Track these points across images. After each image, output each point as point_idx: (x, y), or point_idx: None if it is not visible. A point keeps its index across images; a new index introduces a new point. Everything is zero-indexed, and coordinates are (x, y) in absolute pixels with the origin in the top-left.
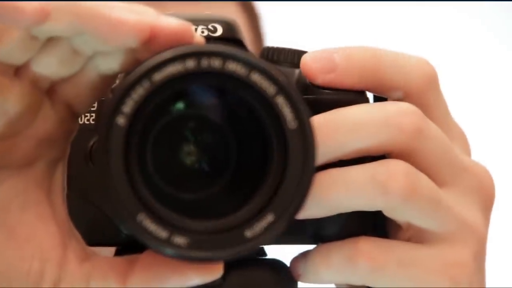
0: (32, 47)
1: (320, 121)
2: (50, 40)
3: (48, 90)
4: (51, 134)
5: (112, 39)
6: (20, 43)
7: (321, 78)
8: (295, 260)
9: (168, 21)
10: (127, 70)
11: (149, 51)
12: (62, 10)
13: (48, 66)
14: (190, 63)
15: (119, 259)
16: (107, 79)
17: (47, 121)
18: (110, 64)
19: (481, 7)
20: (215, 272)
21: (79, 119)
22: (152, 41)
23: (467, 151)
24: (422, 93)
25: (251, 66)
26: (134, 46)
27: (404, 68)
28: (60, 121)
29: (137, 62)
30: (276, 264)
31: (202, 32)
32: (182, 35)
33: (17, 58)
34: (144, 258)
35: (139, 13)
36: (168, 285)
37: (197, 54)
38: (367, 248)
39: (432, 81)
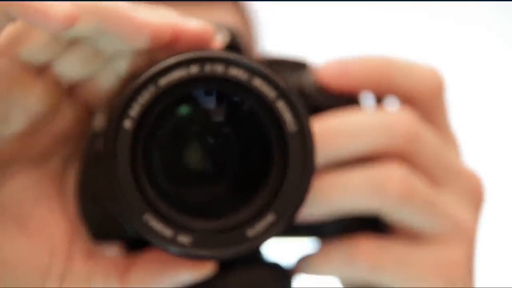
0: (56, 47)
1: (320, 126)
2: (74, 41)
3: (68, 90)
4: (68, 132)
5: (135, 40)
6: (45, 44)
7: (335, 82)
8: (298, 261)
9: (190, 24)
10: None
11: (170, 52)
12: (88, 12)
13: (70, 66)
14: (194, 69)
15: (121, 258)
16: (124, 81)
17: (65, 119)
18: (129, 66)
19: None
20: (206, 269)
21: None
22: (174, 42)
23: (459, 157)
24: (427, 101)
25: (252, 71)
26: (156, 47)
27: (413, 76)
28: (77, 119)
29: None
30: (275, 266)
31: None
32: (203, 38)
33: (41, 58)
34: (142, 258)
35: (162, 15)
36: (163, 283)
37: (201, 60)
38: (367, 247)
39: (438, 90)
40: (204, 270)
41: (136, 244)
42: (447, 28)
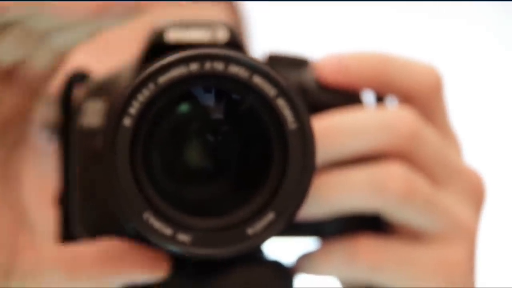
0: None
1: (321, 124)
2: (4, 25)
3: (4, 74)
4: (9, 119)
5: (67, 14)
6: None
7: (333, 78)
8: (298, 259)
9: None
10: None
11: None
12: None
13: (5, 50)
14: (194, 66)
15: (68, 249)
16: (65, 56)
17: (4, 107)
18: (66, 39)
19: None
20: (160, 270)
21: (84, 120)
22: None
23: (460, 156)
24: (426, 98)
25: (252, 69)
26: (90, 19)
27: (412, 73)
28: (18, 105)
29: (143, 67)
30: (276, 265)
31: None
32: None
33: None
34: (91, 251)
35: None
36: (112, 284)
37: (201, 58)
38: (368, 246)
39: (437, 88)
40: (159, 272)
41: (135, 242)
42: (445, 27)
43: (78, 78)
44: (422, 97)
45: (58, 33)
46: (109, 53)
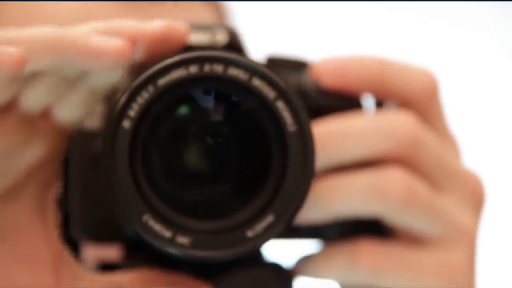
0: (16, 86)
1: (321, 129)
2: (35, 74)
3: (38, 118)
4: (43, 159)
5: (97, 67)
6: (3, 87)
7: (330, 80)
8: (298, 262)
9: (151, 27)
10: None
11: (142, 60)
12: (38, 49)
13: (35, 97)
14: (193, 69)
15: (109, 278)
16: (99, 93)
17: (39, 148)
18: (101, 80)
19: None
20: None
21: (83, 122)
22: (140, 51)
23: (460, 159)
24: (422, 102)
25: (252, 71)
26: (121, 66)
27: (408, 77)
28: (52, 144)
29: (141, 68)
30: (276, 267)
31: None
32: (169, 35)
33: (1, 99)
34: (131, 279)
35: (119, 30)
36: None
37: (200, 60)
38: (368, 250)
39: (433, 91)
40: None
41: (135, 246)
42: (442, 28)
43: None
44: (419, 101)
45: (91, 75)
46: None
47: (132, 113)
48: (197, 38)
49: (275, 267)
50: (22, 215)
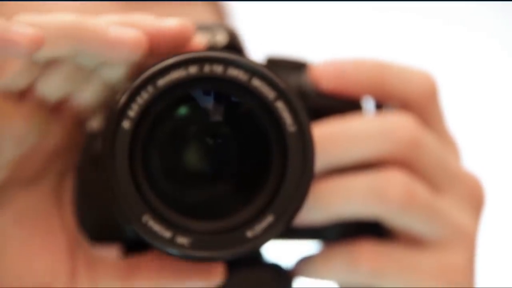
0: (34, 71)
1: (321, 131)
2: (52, 61)
3: (55, 106)
4: (60, 147)
5: (113, 57)
6: (22, 70)
7: (331, 84)
8: (298, 262)
9: (167, 25)
10: (132, 76)
11: (154, 56)
12: (58, 35)
13: (53, 86)
14: (193, 69)
15: (124, 261)
16: (114, 87)
17: (56, 136)
18: (115, 73)
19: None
20: (216, 275)
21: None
22: (154, 47)
23: (459, 161)
24: (422, 104)
25: (252, 72)
26: (136, 58)
27: (407, 80)
28: (68, 134)
29: (142, 68)
30: (275, 267)
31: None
32: (183, 36)
33: (20, 84)
34: (147, 261)
35: (136, 24)
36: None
37: (200, 60)
38: (368, 251)
39: (432, 94)
40: (215, 277)
41: (135, 246)
42: (442, 28)
43: None
44: (418, 103)
45: (106, 68)
46: None
47: (131, 113)
48: (197, 38)
49: (275, 268)
50: (40, 202)
